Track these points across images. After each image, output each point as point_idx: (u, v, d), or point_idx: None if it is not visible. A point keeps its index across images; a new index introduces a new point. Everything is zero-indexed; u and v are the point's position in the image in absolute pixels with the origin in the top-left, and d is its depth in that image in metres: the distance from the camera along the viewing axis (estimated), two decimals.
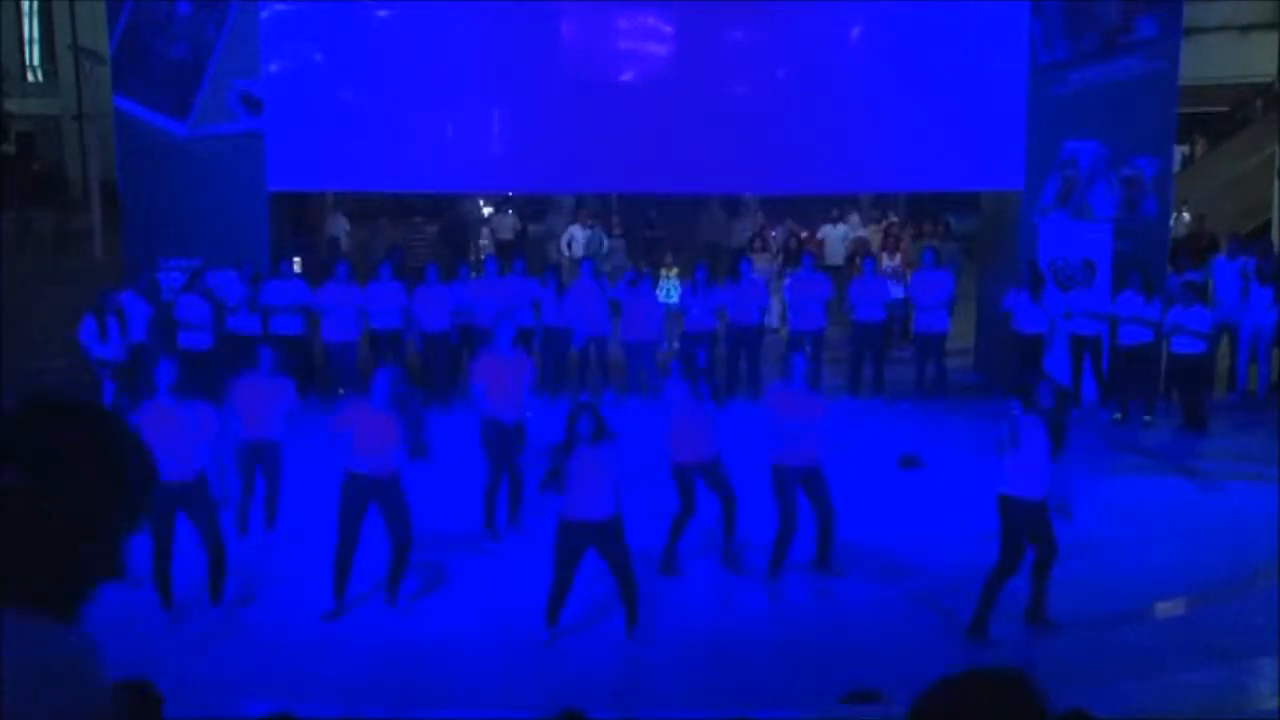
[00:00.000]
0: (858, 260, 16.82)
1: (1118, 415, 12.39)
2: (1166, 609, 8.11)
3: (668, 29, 13.55)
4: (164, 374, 7.85)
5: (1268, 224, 18.55)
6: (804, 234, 18.51)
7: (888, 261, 16.21)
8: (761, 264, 16.69)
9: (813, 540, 8.40)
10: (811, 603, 8.19)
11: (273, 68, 13.23)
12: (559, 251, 18.58)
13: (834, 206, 18.22)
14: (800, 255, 17.11)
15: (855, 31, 13.71)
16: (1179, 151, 18.45)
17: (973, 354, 15.14)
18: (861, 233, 18.59)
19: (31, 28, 36.47)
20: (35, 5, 35.92)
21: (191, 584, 7.97)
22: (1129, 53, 13.09)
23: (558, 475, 7.37)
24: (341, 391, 12.17)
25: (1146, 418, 12.26)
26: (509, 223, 20.86)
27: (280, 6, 13.24)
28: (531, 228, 21.66)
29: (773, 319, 15.25)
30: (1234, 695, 6.75)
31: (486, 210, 21.76)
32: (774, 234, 18.19)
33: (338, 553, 7.85)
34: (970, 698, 1.78)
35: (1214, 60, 19.87)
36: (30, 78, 36.55)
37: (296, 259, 14.33)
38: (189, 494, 7.70)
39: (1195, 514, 9.69)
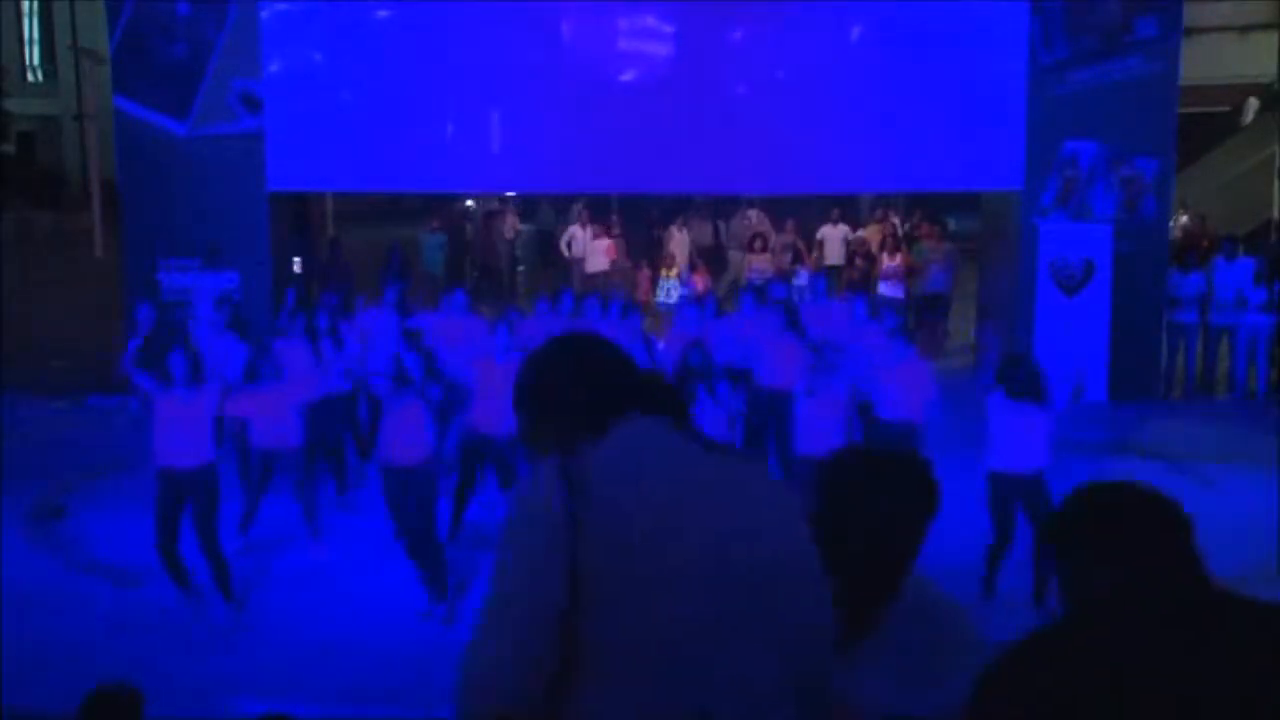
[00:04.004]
0: (858, 261, 16.80)
1: None
2: None
3: (668, 29, 13.55)
4: (176, 365, 7.90)
5: (1268, 224, 18.57)
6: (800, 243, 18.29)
7: (888, 262, 16.21)
8: (760, 265, 16.67)
9: None
10: None
11: (273, 68, 13.22)
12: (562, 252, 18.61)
13: (834, 206, 18.20)
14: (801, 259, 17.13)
15: (855, 31, 13.71)
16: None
17: (974, 353, 15.15)
18: (860, 232, 18.55)
19: (31, 28, 36.52)
20: (35, 5, 35.96)
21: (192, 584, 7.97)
22: (1129, 53, 13.10)
23: None
24: None
25: None
26: (510, 222, 20.85)
27: (280, 6, 13.24)
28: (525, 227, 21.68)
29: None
30: None
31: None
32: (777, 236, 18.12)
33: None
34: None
35: (1214, 60, 19.87)
36: (30, 78, 36.60)
37: (297, 259, 14.35)
38: (196, 482, 7.75)
39: (1195, 514, 9.66)
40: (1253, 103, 22.54)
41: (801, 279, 14.94)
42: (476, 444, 9.08)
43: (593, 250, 18.00)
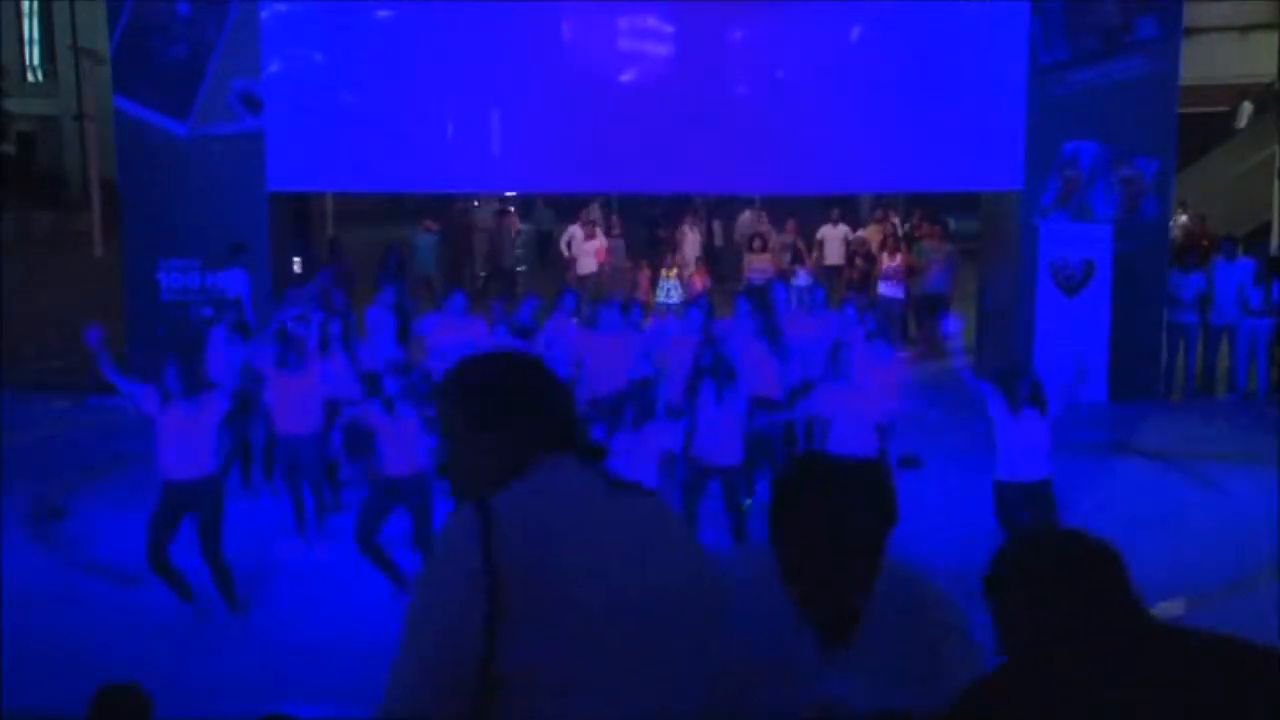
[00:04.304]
0: (858, 261, 16.80)
1: None
2: (1166, 609, 8.11)
3: (668, 29, 13.55)
4: (171, 378, 7.78)
5: (1268, 224, 18.57)
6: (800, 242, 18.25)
7: (888, 262, 16.22)
8: (760, 265, 16.68)
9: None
10: None
11: (273, 68, 13.23)
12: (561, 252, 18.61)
13: (834, 206, 18.22)
14: (801, 257, 17.11)
15: (855, 31, 13.71)
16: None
17: (974, 353, 15.14)
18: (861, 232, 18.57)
19: (31, 28, 36.52)
20: (35, 5, 35.96)
21: (190, 585, 7.96)
22: (1129, 53, 13.10)
23: None
24: None
25: None
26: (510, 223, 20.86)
27: (280, 6, 13.24)
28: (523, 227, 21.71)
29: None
30: None
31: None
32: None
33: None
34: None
35: (1214, 60, 19.89)
36: (30, 78, 36.60)
37: (297, 259, 14.35)
38: (200, 493, 7.73)
39: (1195, 514, 9.68)
40: (1246, 106, 22.56)
41: (800, 280, 14.93)
42: None
43: (583, 252, 17.96)
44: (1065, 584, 1.97)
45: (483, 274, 20.14)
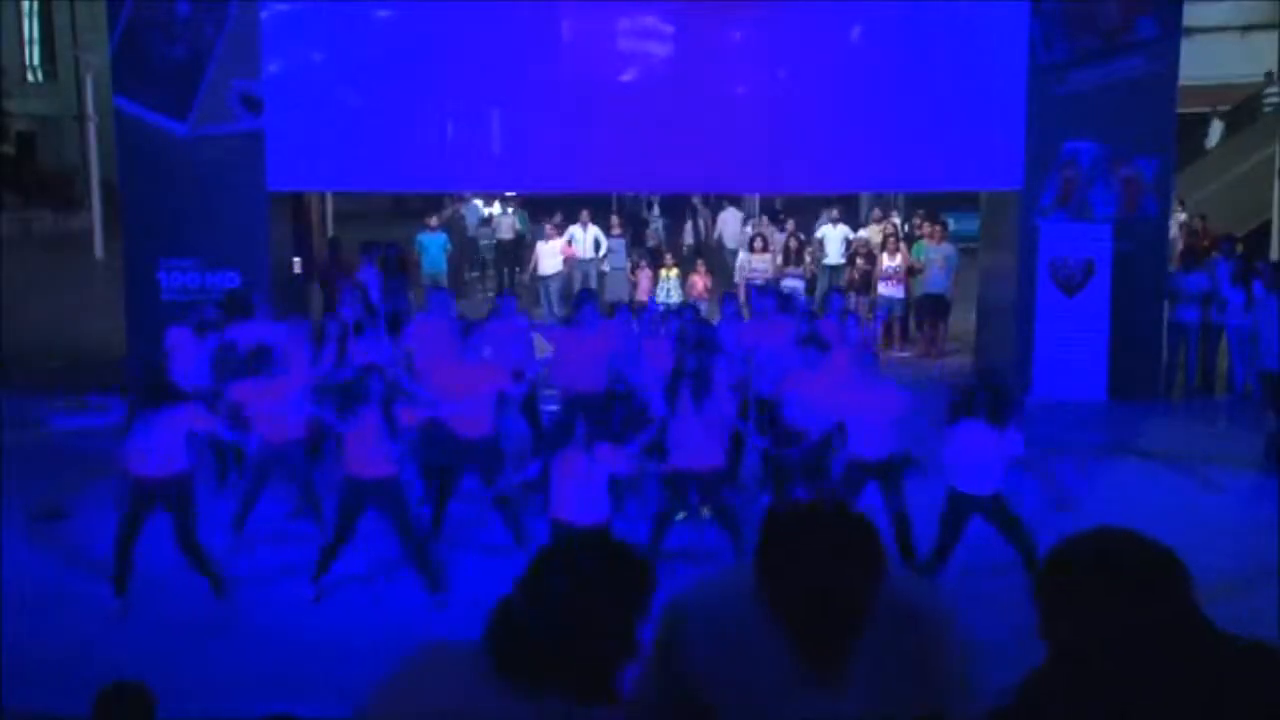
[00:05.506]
0: (858, 261, 16.80)
1: None
2: None
3: (668, 29, 13.55)
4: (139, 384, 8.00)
5: (1268, 224, 18.58)
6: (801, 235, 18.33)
7: (888, 262, 16.23)
8: (760, 264, 16.69)
9: None
10: None
11: (273, 68, 13.23)
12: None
13: (834, 206, 18.22)
14: (799, 257, 17.14)
15: (855, 31, 13.71)
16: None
17: (974, 354, 15.15)
18: (863, 233, 18.58)
19: (31, 28, 36.53)
20: (35, 5, 35.98)
21: (189, 584, 7.97)
22: (1129, 53, 13.10)
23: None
24: None
25: None
26: (508, 222, 20.88)
27: (280, 6, 13.24)
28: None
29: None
30: None
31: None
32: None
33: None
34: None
35: (1214, 60, 19.89)
36: (30, 78, 36.61)
37: (297, 259, 14.35)
38: (170, 490, 7.79)
39: (1195, 514, 9.68)
40: (1217, 124, 22.55)
41: (789, 280, 14.95)
42: (454, 449, 9.05)
43: (546, 252, 17.91)
44: (1126, 586, 1.94)
45: (473, 273, 20.22)
